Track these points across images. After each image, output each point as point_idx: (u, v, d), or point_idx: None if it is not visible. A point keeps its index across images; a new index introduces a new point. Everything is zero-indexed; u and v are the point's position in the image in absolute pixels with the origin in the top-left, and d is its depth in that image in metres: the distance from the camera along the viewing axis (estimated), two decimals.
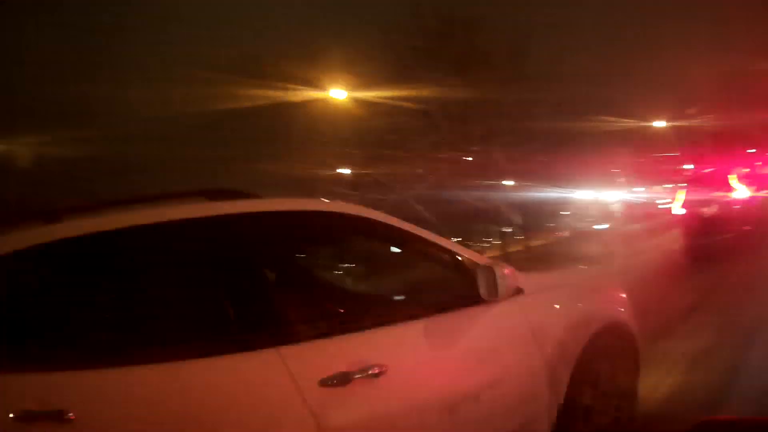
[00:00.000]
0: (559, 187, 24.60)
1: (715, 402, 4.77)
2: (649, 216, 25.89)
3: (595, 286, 4.69)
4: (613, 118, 30.26)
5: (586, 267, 10.11)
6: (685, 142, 38.54)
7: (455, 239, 18.00)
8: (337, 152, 16.63)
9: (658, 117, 37.19)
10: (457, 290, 3.61)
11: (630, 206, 30.89)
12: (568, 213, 37.42)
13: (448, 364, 3.33)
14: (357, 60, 17.37)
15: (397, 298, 4.31)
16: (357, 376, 2.86)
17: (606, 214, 28.64)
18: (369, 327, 3.18)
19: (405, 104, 16.04)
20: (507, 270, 3.49)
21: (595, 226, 28.05)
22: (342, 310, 3.72)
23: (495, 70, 16.51)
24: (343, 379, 2.82)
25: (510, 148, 17.24)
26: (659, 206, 25.35)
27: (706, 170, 16.49)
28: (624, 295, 4.74)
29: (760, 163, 15.38)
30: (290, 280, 3.76)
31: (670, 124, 37.19)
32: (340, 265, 4.48)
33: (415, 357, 3.24)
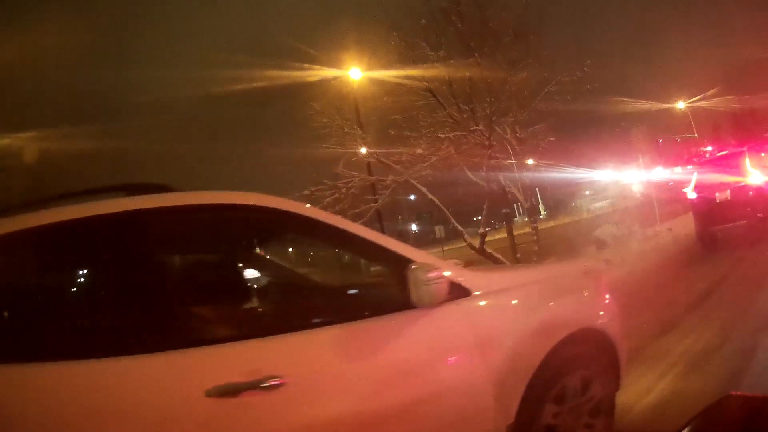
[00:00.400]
0: (574, 168, 24.14)
1: None
2: (666, 199, 25.36)
3: (567, 286, 4.03)
4: (630, 99, 29.76)
5: (562, 262, 9.68)
6: (705, 124, 38.03)
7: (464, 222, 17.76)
8: (340, 133, 16.09)
9: (677, 98, 36.65)
10: (387, 293, 3.30)
11: (647, 189, 30.39)
12: (586, 194, 37.03)
13: (363, 378, 2.94)
14: (361, 39, 17.01)
15: (315, 300, 3.80)
16: (249, 387, 2.59)
17: (621, 197, 28.15)
18: (274, 332, 2.86)
19: (410, 83, 15.59)
20: (435, 272, 3.03)
21: (609, 209, 27.65)
22: (248, 313, 3.39)
23: (503, 48, 15.90)
24: (232, 391, 2.57)
25: (519, 127, 16.64)
26: (674, 189, 24.73)
27: (720, 153, 15.90)
28: (608, 296, 4.20)
29: None
30: (194, 278, 3.43)
31: (689, 105, 36.62)
32: (256, 263, 4.00)
33: (323, 368, 2.88)
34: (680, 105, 37.69)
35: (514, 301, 3.58)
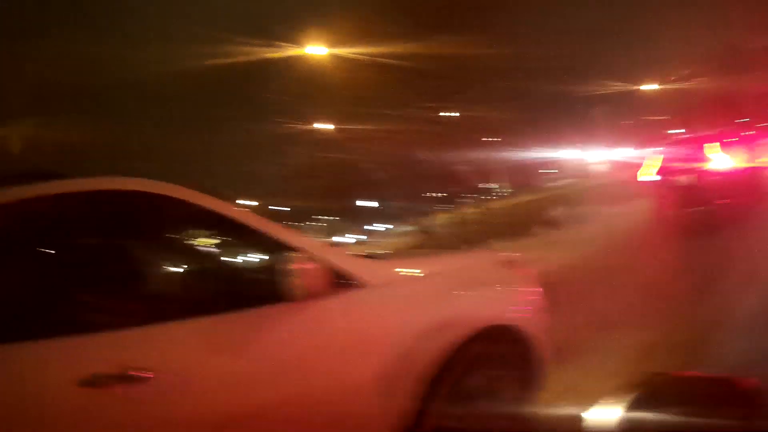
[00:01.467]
0: (537, 147, 23.81)
1: None
2: (627, 180, 25.10)
3: (475, 279, 3.81)
4: (602, 80, 29.45)
5: (475, 252, 8.95)
6: (676, 106, 37.95)
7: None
8: (303, 111, 15.51)
9: (648, 79, 36.42)
10: (269, 284, 3.10)
11: (609, 168, 30.25)
12: (551, 173, 36.90)
13: (229, 373, 2.90)
14: (327, 14, 16.59)
15: (192, 289, 3.62)
16: (119, 379, 2.61)
17: (583, 176, 27.93)
18: (149, 322, 2.87)
19: (376, 60, 15.03)
20: (304, 264, 2.98)
21: (572, 188, 27.46)
22: (125, 302, 3.16)
23: (469, 25, 15.31)
24: (103, 381, 2.59)
25: (484, 106, 16.06)
26: (636, 170, 24.50)
27: (687, 136, 15.53)
28: (531, 289, 4.01)
29: (750, 133, 14.14)
30: (70, 267, 3.26)
31: (661, 87, 36.45)
32: (135, 251, 3.78)
33: (190, 361, 2.87)
34: (651, 87, 37.51)
35: (409, 295, 3.45)
